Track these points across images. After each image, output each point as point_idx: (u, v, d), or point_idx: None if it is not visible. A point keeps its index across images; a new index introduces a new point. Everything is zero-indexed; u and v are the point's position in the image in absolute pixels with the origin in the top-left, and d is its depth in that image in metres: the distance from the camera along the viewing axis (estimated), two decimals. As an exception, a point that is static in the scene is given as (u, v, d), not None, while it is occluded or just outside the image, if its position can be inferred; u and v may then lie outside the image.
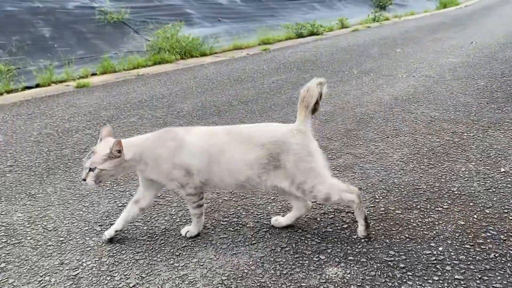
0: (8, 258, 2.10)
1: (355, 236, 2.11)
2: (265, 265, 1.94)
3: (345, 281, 1.81)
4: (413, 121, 3.79)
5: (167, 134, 2.09)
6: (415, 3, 18.97)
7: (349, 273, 1.86)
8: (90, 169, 1.95)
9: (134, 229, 2.30)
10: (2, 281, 1.93)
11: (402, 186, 2.61)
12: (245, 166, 1.99)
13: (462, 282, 1.76)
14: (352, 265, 1.91)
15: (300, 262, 1.95)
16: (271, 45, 9.15)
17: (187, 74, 6.68)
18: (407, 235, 2.11)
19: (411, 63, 6.44)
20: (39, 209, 2.57)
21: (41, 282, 1.91)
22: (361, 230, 2.09)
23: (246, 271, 1.90)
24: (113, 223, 2.32)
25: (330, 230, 2.19)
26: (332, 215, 2.32)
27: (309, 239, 2.11)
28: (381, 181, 2.70)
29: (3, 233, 2.32)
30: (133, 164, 2.04)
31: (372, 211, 2.34)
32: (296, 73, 6.18)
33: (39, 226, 2.38)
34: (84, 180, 1.97)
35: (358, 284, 1.79)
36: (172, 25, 8.49)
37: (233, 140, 2.02)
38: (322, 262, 1.94)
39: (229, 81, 5.90)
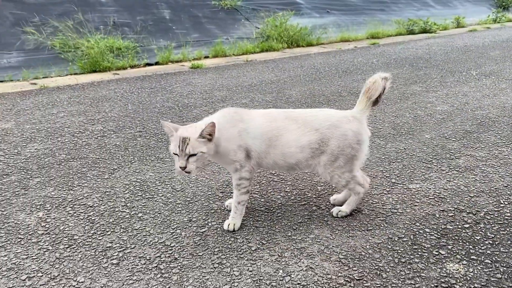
0: (144, 209, 2.36)
1: (478, 237, 2.04)
2: (382, 251, 1.96)
3: (468, 278, 1.77)
4: (542, 130, 3.49)
5: (235, 115, 2.11)
6: (544, 5, 17.08)
7: (472, 271, 1.81)
8: (190, 155, 1.91)
9: (253, 200, 2.44)
10: (141, 228, 2.18)
11: (530, 195, 2.45)
12: (297, 149, 2.07)
13: None
14: (475, 264, 1.85)
15: (419, 253, 1.93)
16: (380, 40, 8.90)
17: (294, 62, 6.78)
18: (537, 245, 1.98)
19: (539, 69, 5.88)
20: (167, 171, 2.84)
21: (173, 234, 2.12)
22: (341, 212, 2.25)
23: (363, 253, 1.94)
24: (232, 192, 2.49)
25: (450, 227, 2.13)
26: (452, 214, 2.26)
27: (427, 233, 2.08)
28: (506, 186, 2.55)
29: (138, 188, 2.61)
30: (212, 147, 1.99)
31: (496, 215, 2.23)
32: (408, 69, 5.97)
33: (168, 185, 2.63)
34: (184, 167, 1.90)
35: (482, 284, 1.74)
36: (282, 14, 8.64)
37: (291, 124, 2.09)
38: (442, 257, 1.91)
39: (337, 72, 5.88)
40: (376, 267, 1.85)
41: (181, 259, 1.92)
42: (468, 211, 2.27)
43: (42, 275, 1.84)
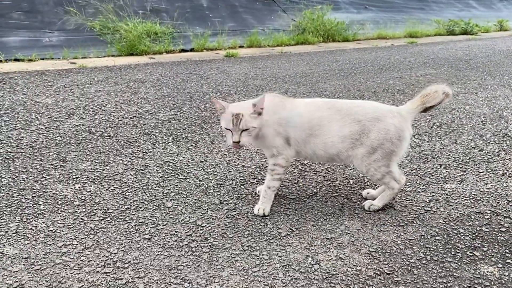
0: (176, 189, 2.40)
1: (515, 242, 1.99)
2: (414, 247, 1.93)
3: (503, 282, 1.72)
4: None
5: (278, 103, 2.12)
6: None
7: (507, 275, 1.76)
8: (243, 130, 1.97)
9: (284, 188, 2.44)
10: (173, 207, 2.22)
11: None
12: (338, 139, 2.07)
13: None
14: (511, 268, 1.80)
15: (452, 253, 1.90)
16: (417, 39, 8.71)
17: (329, 56, 6.71)
18: None
19: None
20: (200, 154, 2.87)
21: (205, 214, 2.15)
22: (373, 206, 2.22)
23: (394, 248, 1.92)
24: (263, 179, 2.50)
25: (486, 230, 2.08)
26: (488, 216, 2.20)
27: (461, 234, 2.04)
28: (546, 193, 2.46)
29: (171, 168, 2.65)
30: (262, 122, 2.03)
31: (535, 222, 2.16)
32: (447, 70, 5.82)
33: (201, 168, 2.66)
34: (238, 142, 1.96)
35: (518, 288, 1.69)
36: (320, 7, 8.56)
37: (334, 114, 2.08)
38: (476, 258, 1.86)
39: (373, 69, 5.79)
40: (407, 262, 1.83)
41: (211, 239, 1.95)
42: (505, 215, 2.21)
43: (78, 244, 1.90)
